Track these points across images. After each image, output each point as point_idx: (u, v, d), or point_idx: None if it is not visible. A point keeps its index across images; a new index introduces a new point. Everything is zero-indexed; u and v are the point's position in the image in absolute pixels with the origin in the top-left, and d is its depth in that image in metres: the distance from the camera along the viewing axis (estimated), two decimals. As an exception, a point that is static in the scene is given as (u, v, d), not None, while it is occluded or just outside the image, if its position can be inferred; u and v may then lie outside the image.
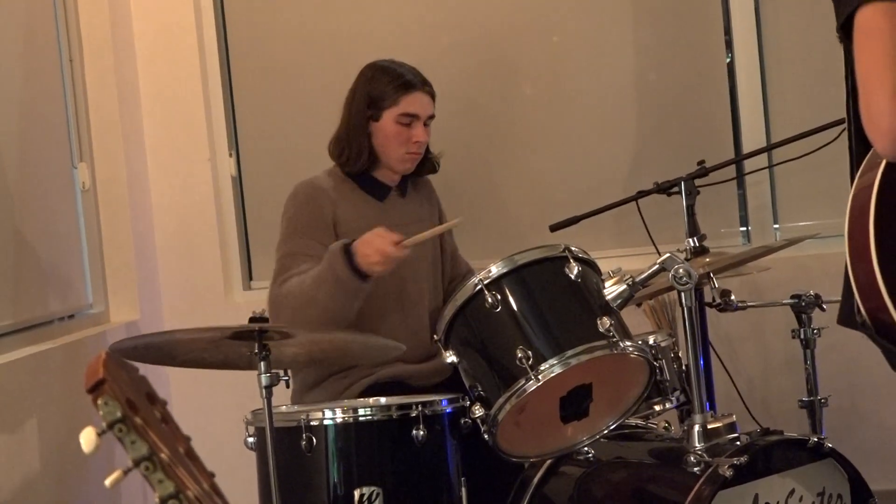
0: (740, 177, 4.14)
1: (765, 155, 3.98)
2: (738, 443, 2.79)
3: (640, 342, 2.88)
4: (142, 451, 1.24)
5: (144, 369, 1.61)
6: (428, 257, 3.58)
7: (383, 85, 3.47)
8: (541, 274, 2.87)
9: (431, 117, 3.53)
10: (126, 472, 1.26)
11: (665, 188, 3.62)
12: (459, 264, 3.74)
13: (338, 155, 3.51)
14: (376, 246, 3.15)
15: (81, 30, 4.12)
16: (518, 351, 2.75)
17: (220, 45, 4.40)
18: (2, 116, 3.62)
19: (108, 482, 1.25)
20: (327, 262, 3.20)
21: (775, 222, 4.26)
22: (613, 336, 2.77)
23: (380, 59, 3.56)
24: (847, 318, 2.25)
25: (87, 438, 1.23)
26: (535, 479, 3.04)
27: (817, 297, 3.33)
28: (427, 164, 3.61)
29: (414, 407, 2.90)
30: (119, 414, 1.23)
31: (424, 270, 3.55)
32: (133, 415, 1.24)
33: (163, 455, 1.24)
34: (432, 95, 3.53)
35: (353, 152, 3.47)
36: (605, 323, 2.78)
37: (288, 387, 2.93)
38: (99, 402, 1.24)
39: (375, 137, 3.49)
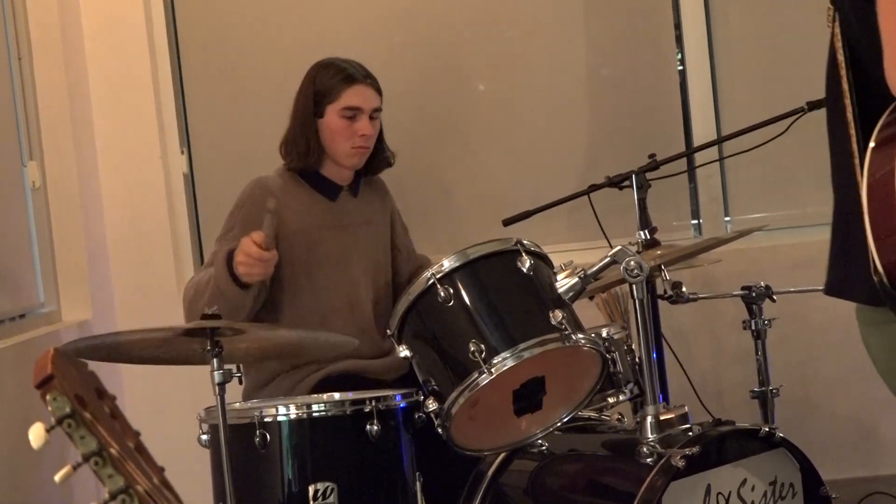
0: (691, 170, 4.17)
1: (715, 148, 4.01)
2: (690, 433, 2.80)
3: (592, 335, 2.88)
4: (91, 447, 1.23)
5: (96, 366, 1.60)
6: (377, 257, 3.58)
7: (326, 80, 3.48)
8: (493, 268, 2.87)
9: (377, 110, 3.52)
10: (76, 468, 1.25)
11: (617, 182, 3.64)
12: (417, 260, 3.75)
13: (286, 154, 3.52)
14: (243, 249, 3.18)
15: (30, 26, 4.08)
16: (471, 344, 2.75)
17: (171, 41, 4.37)
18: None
19: (57, 477, 1.25)
20: (215, 266, 3.27)
21: (726, 215, 4.28)
22: (566, 329, 2.78)
23: (325, 58, 3.56)
24: (837, 287, 2.21)
25: (36, 434, 1.23)
26: (490, 473, 3.05)
27: (768, 288, 3.35)
28: (380, 158, 3.60)
29: (368, 402, 2.89)
30: (68, 409, 1.23)
31: (373, 271, 3.54)
32: (82, 410, 1.24)
33: (112, 450, 1.24)
34: (376, 88, 3.52)
35: (301, 150, 3.47)
36: (557, 316, 2.78)
37: (241, 383, 2.92)
38: (48, 397, 1.23)
39: (322, 134, 3.48)
